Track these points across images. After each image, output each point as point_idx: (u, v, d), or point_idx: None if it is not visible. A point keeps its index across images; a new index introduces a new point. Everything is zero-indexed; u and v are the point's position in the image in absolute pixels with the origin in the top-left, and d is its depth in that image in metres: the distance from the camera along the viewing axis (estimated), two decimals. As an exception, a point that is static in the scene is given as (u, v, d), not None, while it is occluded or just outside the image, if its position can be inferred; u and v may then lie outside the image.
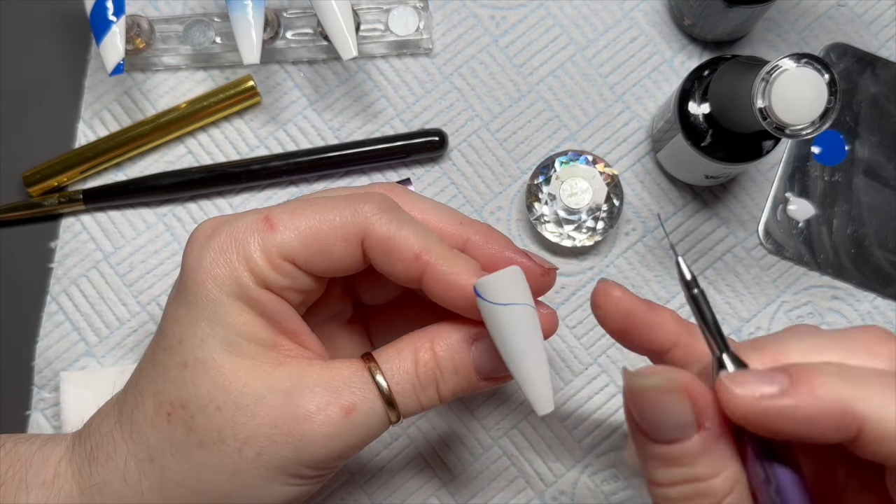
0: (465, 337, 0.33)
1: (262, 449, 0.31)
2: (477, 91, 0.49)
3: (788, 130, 0.34)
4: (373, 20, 0.48)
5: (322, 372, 0.32)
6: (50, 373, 0.46)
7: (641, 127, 0.48)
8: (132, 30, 0.46)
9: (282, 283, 0.32)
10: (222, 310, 0.32)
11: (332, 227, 0.32)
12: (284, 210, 0.32)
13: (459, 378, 0.33)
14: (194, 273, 0.32)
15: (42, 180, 0.47)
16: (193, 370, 0.32)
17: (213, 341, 0.32)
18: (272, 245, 0.32)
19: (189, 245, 0.33)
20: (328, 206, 0.32)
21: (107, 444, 0.33)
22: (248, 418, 0.31)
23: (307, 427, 0.31)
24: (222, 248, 0.32)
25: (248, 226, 0.32)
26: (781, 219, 0.47)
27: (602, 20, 0.49)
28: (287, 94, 0.49)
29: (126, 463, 0.32)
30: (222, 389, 0.31)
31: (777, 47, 0.49)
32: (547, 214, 0.46)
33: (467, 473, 0.45)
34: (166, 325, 0.33)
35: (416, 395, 0.33)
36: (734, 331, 0.46)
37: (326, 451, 0.32)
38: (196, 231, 0.33)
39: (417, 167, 0.48)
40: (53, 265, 0.47)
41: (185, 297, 0.32)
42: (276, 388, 0.32)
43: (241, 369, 0.32)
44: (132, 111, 0.49)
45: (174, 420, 0.32)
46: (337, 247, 0.32)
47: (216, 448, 0.32)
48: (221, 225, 0.33)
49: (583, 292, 0.47)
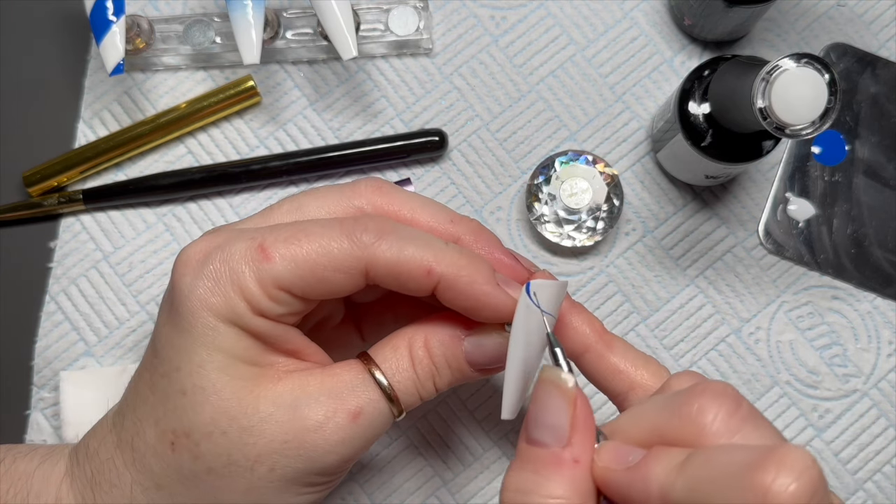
0: (457, 333, 0.33)
1: (274, 464, 0.31)
2: (477, 91, 0.49)
3: (788, 130, 0.34)
4: (373, 20, 0.48)
5: (323, 380, 0.32)
6: (49, 372, 0.46)
7: (641, 127, 0.48)
8: (132, 30, 0.46)
9: (278, 310, 0.32)
10: (220, 338, 0.31)
11: (330, 260, 0.31)
12: (279, 238, 0.31)
13: (453, 371, 0.33)
14: (188, 301, 0.31)
15: (42, 180, 0.47)
16: (193, 397, 0.31)
17: (211, 367, 0.31)
18: (267, 276, 0.31)
19: (179, 269, 0.32)
20: (325, 235, 0.31)
21: (108, 471, 0.33)
22: (256, 438, 0.31)
23: (318, 437, 0.31)
24: (217, 278, 0.31)
25: (242, 254, 0.31)
26: (781, 219, 0.47)
27: (602, 20, 0.49)
28: (287, 94, 0.49)
29: (132, 491, 0.32)
30: (225, 414, 0.31)
31: (777, 47, 0.49)
32: (547, 214, 0.46)
33: (467, 473, 0.45)
34: (162, 350, 0.32)
35: (416, 390, 0.33)
36: (734, 331, 0.46)
37: (338, 457, 0.32)
38: (186, 254, 0.32)
39: (417, 167, 0.48)
40: (53, 265, 0.47)
41: (179, 323, 0.32)
42: (281, 404, 0.32)
43: (242, 391, 0.31)
44: (132, 111, 0.49)
45: (178, 449, 0.32)
46: (336, 279, 0.31)
47: (226, 471, 0.31)
48: (213, 251, 0.32)
49: (583, 292, 0.47)
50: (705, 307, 0.47)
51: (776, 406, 0.46)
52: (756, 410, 0.27)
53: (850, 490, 0.45)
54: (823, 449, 0.45)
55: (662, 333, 0.46)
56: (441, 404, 0.46)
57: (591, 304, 0.47)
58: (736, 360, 0.46)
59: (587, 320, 0.34)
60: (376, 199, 0.34)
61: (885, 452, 0.45)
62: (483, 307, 0.32)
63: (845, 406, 0.46)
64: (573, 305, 0.34)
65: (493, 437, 0.46)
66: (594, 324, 0.34)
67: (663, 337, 0.46)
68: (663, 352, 0.46)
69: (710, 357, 0.46)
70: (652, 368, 0.33)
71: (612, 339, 0.34)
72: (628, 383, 0.33)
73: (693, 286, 0.47)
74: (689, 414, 0.26)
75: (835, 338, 0.46)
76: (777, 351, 0.46)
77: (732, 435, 0.25)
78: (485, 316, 0.32)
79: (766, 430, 0.26)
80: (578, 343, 0.34)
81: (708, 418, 0.26)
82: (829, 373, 0.46)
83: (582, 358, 0.34)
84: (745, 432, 0.25)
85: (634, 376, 0.33)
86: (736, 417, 0.26)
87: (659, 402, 0.28)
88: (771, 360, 0.46)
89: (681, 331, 0.46)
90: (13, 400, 0.46)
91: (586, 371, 0.34)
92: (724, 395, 0.26)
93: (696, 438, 0.26)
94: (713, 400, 0.26)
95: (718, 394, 0.26)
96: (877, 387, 0.46)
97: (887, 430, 0.46)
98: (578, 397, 0.28)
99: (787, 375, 0.46)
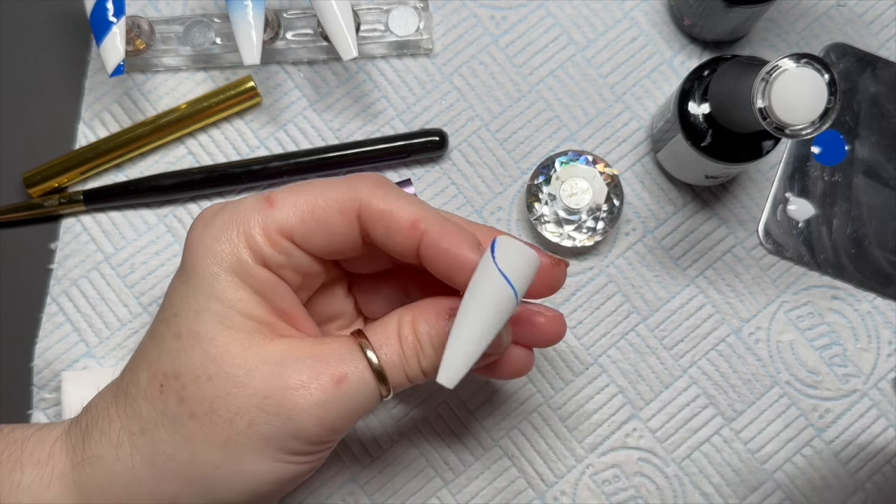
0: (441, 311, 0.33)
1: (253, 419, 0.32)
2: (477, 91, 0.49)
3: (788, 130, 0.35)
4: (373, 20, 0.48)
5: (313, 346, 0.33)
6: (50, 373, 0.46)
7: (641, 127, 0.48)
8: (132, 31, 0.46)
9: (280, 260, 0.33)
10: (219, 285, 0.32)
11: (329, 202, 0.33)
12: (284, 189, 0.34)
13: (436, 350, 0.33)
14: (195, 249, 0.33)
15: (42, 181, 0.47)
16: (187, 341, 0.32)
17: (208, 314, 0.32)
18: (271, 221, 0.32)
19: (194, 224, 0.34)
20: (326, 184, 0.34)
21: (102, 420, 0.33)
22: (239, 389, 0.32)
23: (299, 396, 0.32)
24: (224, 226, 0.33)
25: (250, 205, 0.33)
26: (781, 219, 0.47)
27: (602, 20, 0.49)
28: (287, 95, 0.49)
29: (119, 437, 0.33)
30: (214, 360, 0.32)
31: (777, 47, 0.49)
32: (547, 214, 0.46)
33: (468, 474, 0.45)
34: (166, 299, 0.34)
35: (402, 366, 0.33)
36: (734, 331, 0.46)
37: (318, 420, 0.32)
38: (202, 213, 0.34)
39: (417, 167, 0.48)
40: (53, 266, 0.47)
41: (184, 272, 0.33)
42: (268, 360, 0.32)
43: (233, 342, 0.32)
44: (132, 112, 0.49)
45: (166, 391, 0.32)
46: (334, 220, 0.33)
47: (207, 419, 0.32)
48: (226, 205, 0.34)
49: (583, 292, 0.47)
50: (705, 307, 0.47)
51: (776, 406, 0.46)
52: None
53: (849, 490, 0.45)
54: (823, 449, 0.46)
55: (662, 333, 0.47)
56: (441, 404, 0.46)
57: (591, 304, 0.47)
58: (736, 360, 0.46)
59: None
60: None
61: (884, 452, 0.45)
62: (460, 268, 0.32)
63: (845, 406, 0.46)
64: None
65: (494, 437, 0.46)
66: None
67: (663, 337, 0.46)
68: (663, 352, 0.46)
69: (710, 357, 0.46)
70: None
71: None
72: None
73: (693, 286, 0.47)
74: None
75: (835, 338, 0.46)
76: (777, 351, 0.46)
77: None
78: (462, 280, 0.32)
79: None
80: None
81: None
82: (829, 373, 0.46)
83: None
84: None
85: None
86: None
87: None
88: (771, 360, 0.46)
89: (681, 331, 0.47)
90: (13, 401, 0.46)
91: None
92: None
93: None
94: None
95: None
96: (877, 387, 0.46)
97: (887, 430, 0.46)
98: None
99: (787, 375, 0.46)
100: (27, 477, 0.33)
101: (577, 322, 0.47)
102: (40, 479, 0.33)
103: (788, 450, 0.46)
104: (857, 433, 0.46)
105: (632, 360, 0.46)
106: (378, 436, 0.46)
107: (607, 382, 0.46)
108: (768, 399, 0.46)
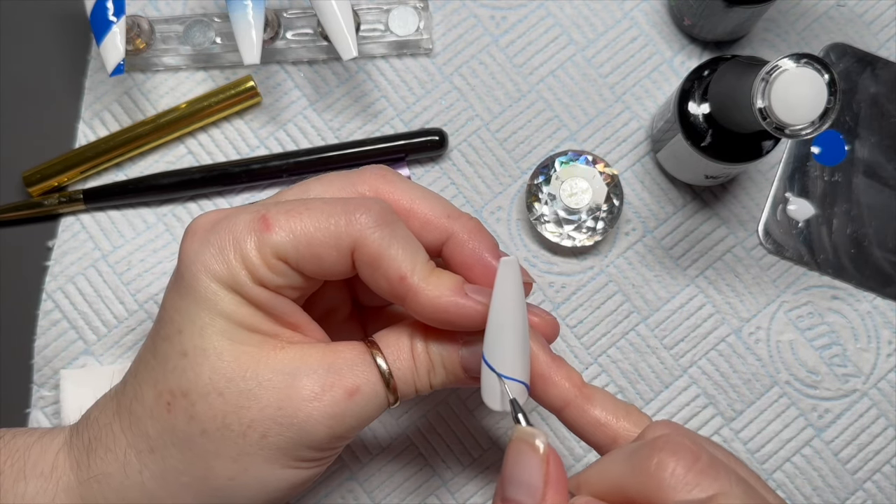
0: (456, 338, 0.34)
1: (266, 431, 0.32)
2: (477, 91, 0.49)
3: (788, 130, 0.35)
4: (373, 20, 0.48)
5: (325, 354, 0.33)
6: (49, 371, 0.46)
7: (641, 127, 0.48)
8: (132, 30, 0.46)
9: (277, 281, 0.32)
10: (222, 303, 0.32)
11: (325, 235, 0.32)
12: (281, 210, 0.33)
13: (448, 372, 0.34)
14: (193, 266, 0.32)
15: (42, 180, 0.47)
16: (194, 359, 0.32)
17: (213, 330, 0.32)
18: (267, 245, 0.32)
19: (187, 237, 0.33)
20: (325, 210, 0.32)
21: (105, 437, 0.33)
22: (252, 402, 0.32)
23: (312, 408, 0.32)
24: (220, 245, 0.32)
25: (246, 224, 0.32)
26: (781, 219, 0.47)
27: (602, 20, 0.49)
28: (287, 95, 0.49)
29: (126, 455, 0.33)
30: (224, 375, 0.32)
31: (777, 47, 0.49)
32: (547, 214, 0.46)
33: (467, 473, 0.45)
34: (165, 314, 0.33)
35: (413, 381, 0.34)
36: (734, 331, 0.46)
37: (329, 431, 0.32)
38: (194, 224, 0.34)
39: (417, 167, 0.48)
40: (50, 263, 0.47)
41: (183, 288, 0.33)
42: (280, 371, 0.32)
43: (243, 355, 0.32)
44: (132, 111, 0.49)
45: (174, 409, 0.32)
46: (328, 255, 0.32)
47: (219, 434, 0.32)
48: (219, 220, 0.33)
49: (583, 292, 0.47)
50: (705, 307, 0.47)
51: (776, 406, 0.46)
52: (717, 461, 0.28)
53: (850, 490, 0.45)
54: (823, 449, 0.46)
55: (662, 333, 0.47)
56: (441, 404, 0.46)
57: (591, 304, 0.47)
58: (736, 360, 0.46)
59: (566, 374, 0.34)
60: (379, 185, 0.35)
61: (884, 452, 0.45)
62: (445, 320, 0.32)
63: (845, 406, 0.46)
64: (553, 360, 0.34)
65: (493, 436, 0.46)
66: (573, 377, 0.34)
67: (663, 337, 0.46)
68: (663, 351, 0.46)
69: (710, 357, 0.46)
70: (633, 418, 0.33)
71: (592, 391, 0.34)
72: (611, 436, 0.33)
73: (693, 286, 0.47)
74: (649, 469, 0.27)
75: (834, 338, 0.46)
76: (777, 351, 0.46)
77: (690, 489, 0.26)
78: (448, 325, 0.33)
79: (725, 481, 0.27)
80: (559, 398, 0.34)
81: (666, 472, 0.27)
82: (829, 373, 0.46)
83: (563, 412, 0.34)
84: (704, 485, 0.27)
85: (616, 428, 0.33)
86: (693, 471, 0.27)
87: (623, 455, 0.29)
88: (771, 360, 0.46)
89: (681, 331, 0.47)
90: (13, 398, 0.46)
91: (569, 424, 0.34)
92: (682, 448, 0.27)
93: (655, 493, 0.27)
94: (671, 454, 0.27)
95: (677, 447, 0.27)
96: (876, 387, 0.46)
97: (887, 430, 0.46)
98: (550, 455, 0.29)
99: (786, 375, 0.46)
100: (31, 488, 0.33)
101: (577, 321, 0.47)
102: (45, 492, 0.33)
103: (788, 450, 0.46)
104: (856, 433, 0.46)
105: (632, 359, 0.46)
106: (378, 434, 0.46)
107: (607, 382, 0.46)
108: (768, 399, 0.46)
